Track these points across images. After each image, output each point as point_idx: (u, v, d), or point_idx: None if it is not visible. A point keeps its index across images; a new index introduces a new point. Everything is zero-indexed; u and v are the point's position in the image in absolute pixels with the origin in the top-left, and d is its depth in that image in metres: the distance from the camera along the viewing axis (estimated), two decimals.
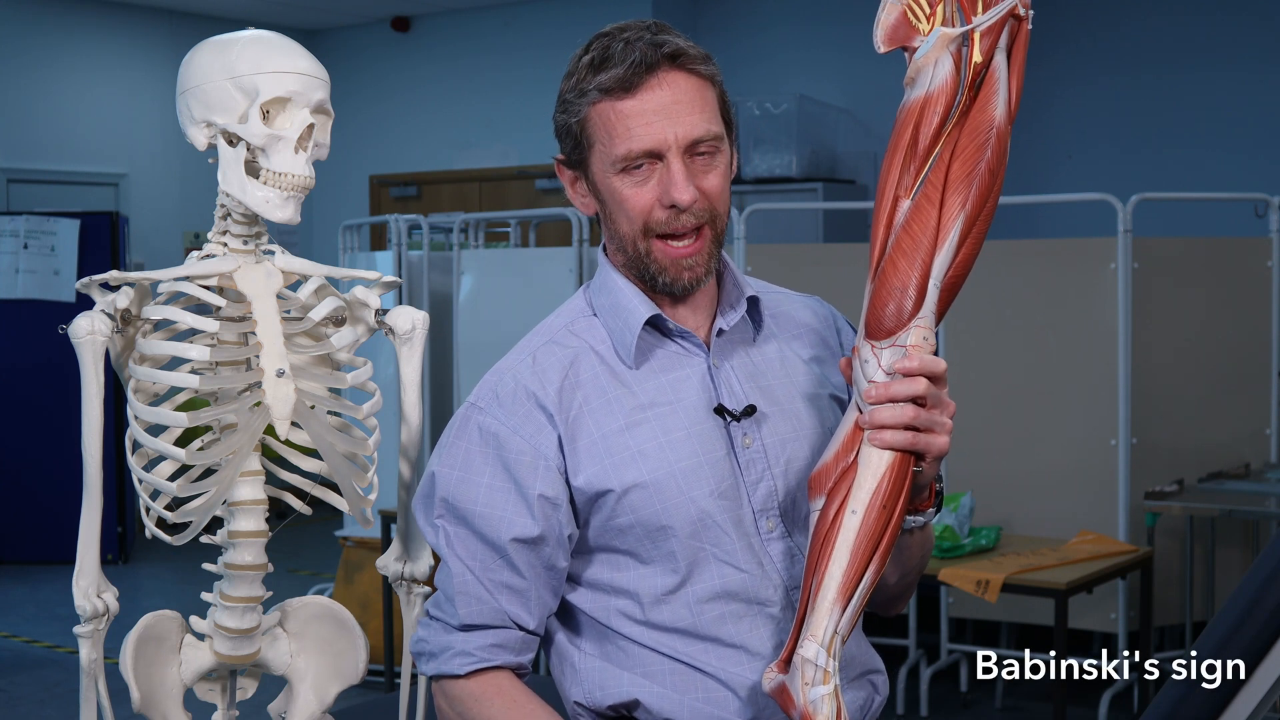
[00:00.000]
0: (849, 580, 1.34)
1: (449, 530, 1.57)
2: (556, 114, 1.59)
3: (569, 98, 1.56)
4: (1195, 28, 7.36)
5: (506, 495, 1.55)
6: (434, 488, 1.58)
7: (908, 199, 1.34)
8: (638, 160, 1.53)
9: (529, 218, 6.16)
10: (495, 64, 8.83)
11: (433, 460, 1.60)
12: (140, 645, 1.71)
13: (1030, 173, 7.78)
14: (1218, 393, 4.83)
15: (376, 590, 5.03)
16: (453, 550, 1.56)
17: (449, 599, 1.57)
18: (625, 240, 1.58)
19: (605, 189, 1.57)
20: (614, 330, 1.61)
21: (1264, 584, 1.18)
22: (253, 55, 1.64)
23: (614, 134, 1.53)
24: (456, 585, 1.56)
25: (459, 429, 1.59)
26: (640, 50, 1.51)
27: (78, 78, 8.67)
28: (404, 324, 1.79)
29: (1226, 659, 1.19)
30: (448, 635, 1.57)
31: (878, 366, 1.38)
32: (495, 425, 1.56)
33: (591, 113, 1.55)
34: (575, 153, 1.59)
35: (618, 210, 1.57)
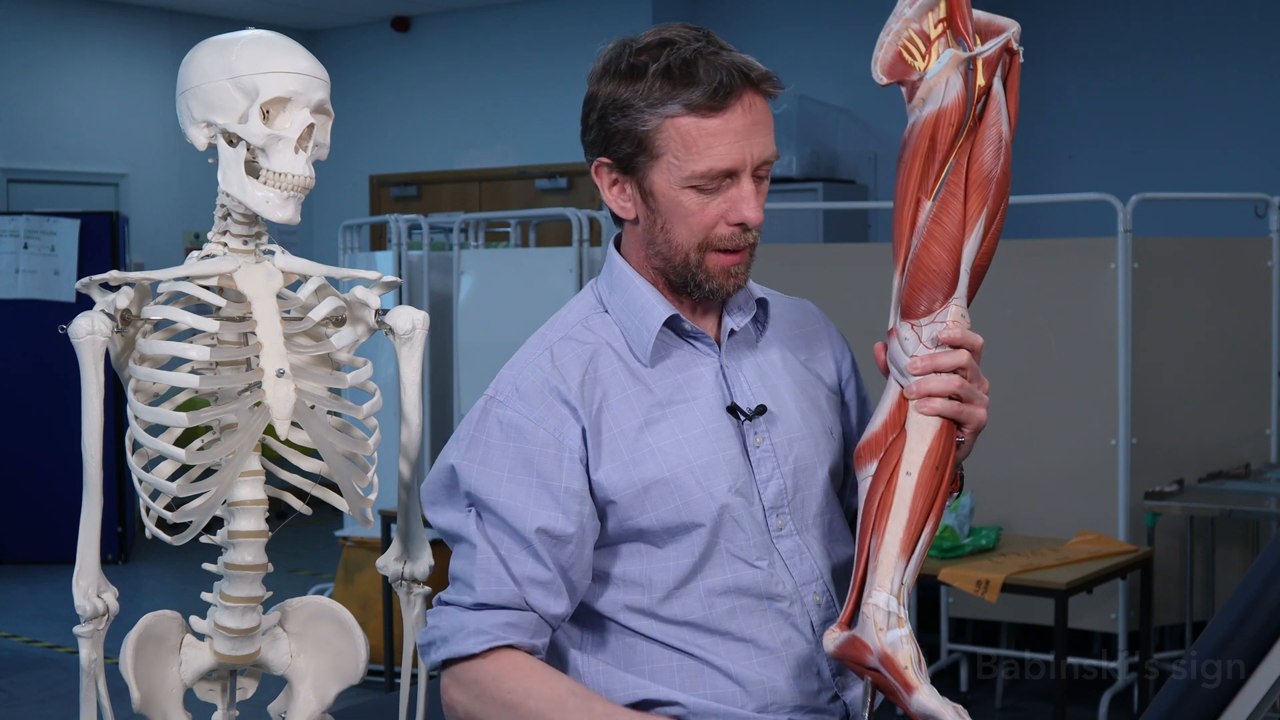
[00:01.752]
0: (910, 535, 1.43)
1: (478, 515, 1.55)
2: (615, 118, 1.59)
3: (639, 104, 1.57)
4: (1195, 28, 7.36)
5: (529, 488, 1.54)
6: (456, 480, 1.56)
7: (929, 199, 1.48)
8: (716, 178, 1.54)
9: (529, 218, 6.16)
10: (495, 64, 8.83)
11: (450, 453, 1.57)
12: (140, 645, 1.71)
13: (1030, 173, 7.77)
14: (1218, 393, 4.83)
15: (376, 590, 5.03)
16: (482, 533, 1.54)
17: (465, 582, 1.54)
18: (676, 249, 1.58)
19: (666, 199, 1.57)
20: (629, 328, 1.61)
21: (1264, 584, 1.18)
22: (253, 55, 1.64)
23: (693, 150, 1.54)
24: (479, 564, 1.53)
25: (478, 422, 1.57)
26: (726, 71, 1.53)
27: (78, 78, 8.67)
28: (404, 324, 1.79)
29: (1226, 659, 1.19)
30: (461, 615, 1.54)
31: (918, 342, 1.54)
32: (517, 418, 1.55)
33: (668, 125, 1.55)
34: (634, 159, 1.58)
35: (678, 222, 1.57)
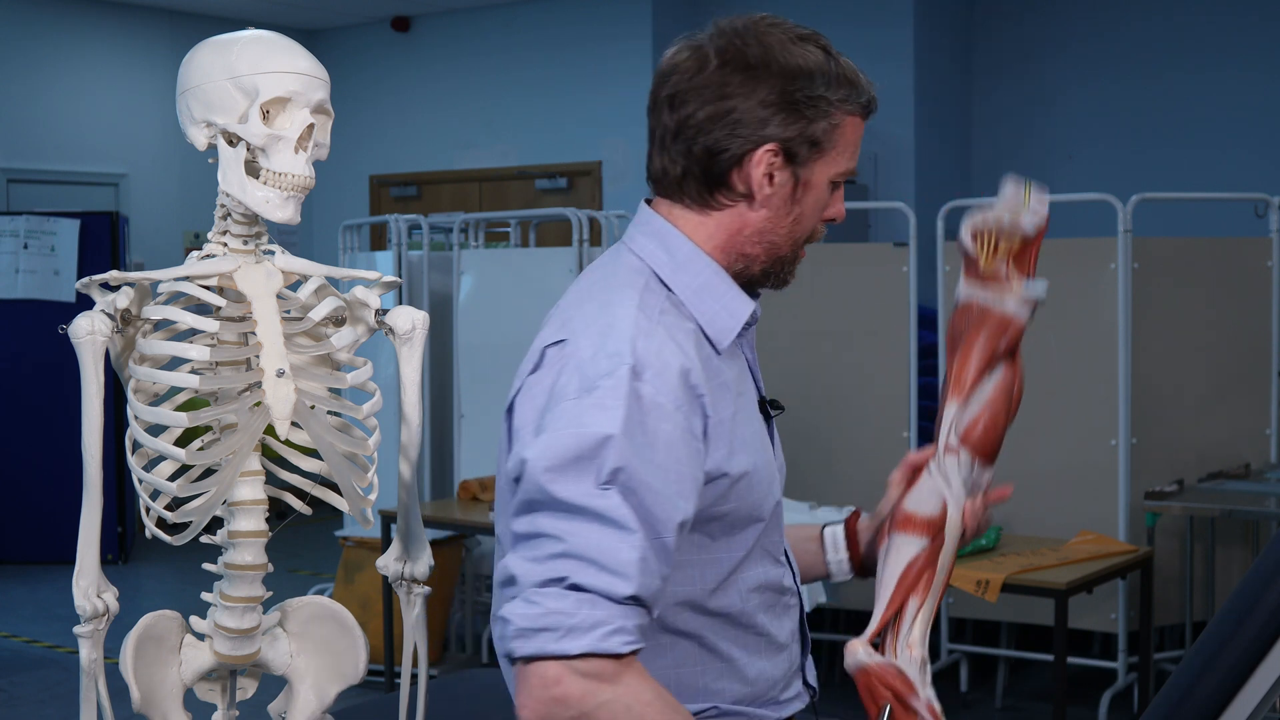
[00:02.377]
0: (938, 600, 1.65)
1: (624, 495, 1.39)
2: (803, 108, 1.53)
3: (830, 96, 1.55)
4: (1195, 28, 7.36)
5: (671, 476, 1.42)
6: (600, 451, 1.39)
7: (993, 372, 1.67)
8: (849, 178, 1.61)
9: (529, 218, 6.16)
10: (495, 64, 8.83)
11: (593, 420, 1.41)
12: (140, 645, 1.71)
13: (1030, 173, 7.74)
14: (1218, 393, 4.83)
15: (376, 590, 5.03)
16: (636, 516, 1.38)
17: (610, 570, 1.36)
18: (794, 240, 1.59)
19: (814, 191, 1.57)
20: (707, 313, 1.56)
21: (1264, 584, 1.18)
22: (253, 55, 1.64)
23: (848, 150, 1.58)
24: (639, 552, 1.37)
25: (614, 391, 1.42)
26: (872, 90, 1.63)
27: (78, 78, 8.67)
28: (404, 324, 1.78)
29: (1226, 659, 1.19)
30: (605, 608, 1.35)
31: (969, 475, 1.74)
32: (659, 397, 1.43)
33: (847, 122, 1.57)
34: (806, 147, 1.55)
35: (811, 214, 1.58)
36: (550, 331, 1.54)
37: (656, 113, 1.61)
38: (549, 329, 1.55)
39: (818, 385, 5.01)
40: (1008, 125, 7.96)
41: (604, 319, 1.49)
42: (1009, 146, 7.95)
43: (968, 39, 8.06)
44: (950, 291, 4.94)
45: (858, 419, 5.08)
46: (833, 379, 5.10)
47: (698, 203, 1.58)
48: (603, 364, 1.44)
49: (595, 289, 1.57)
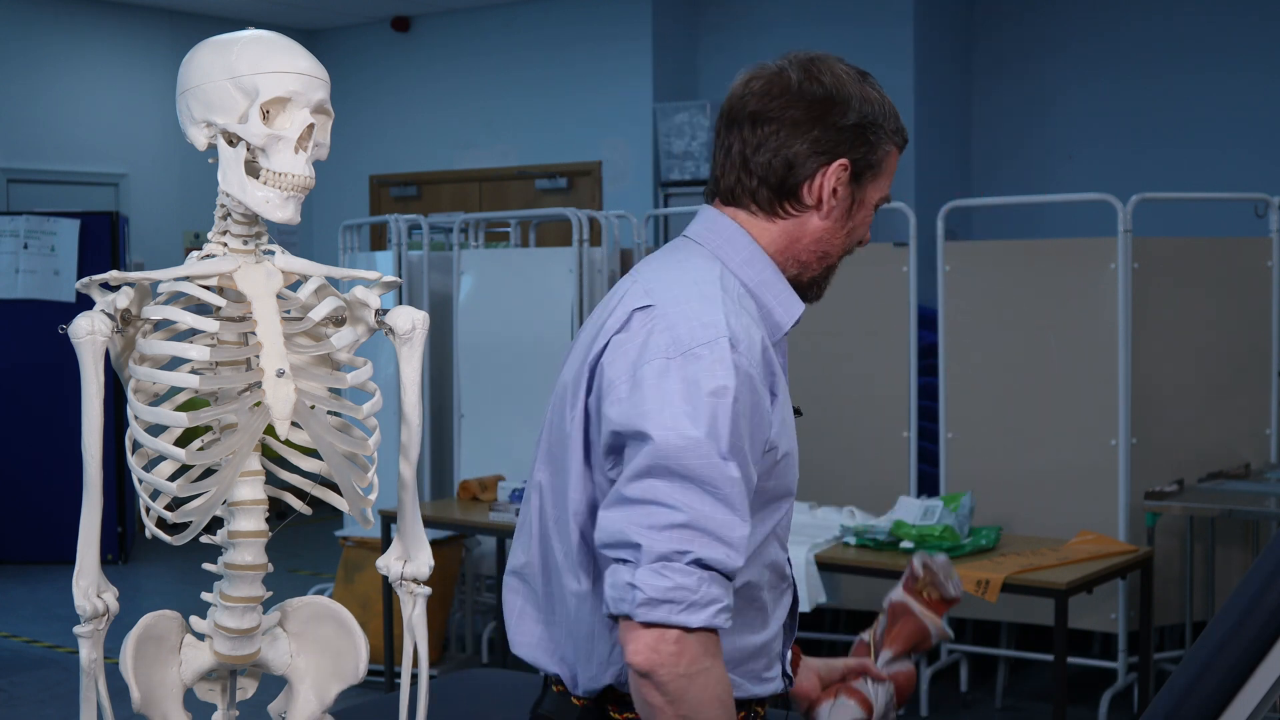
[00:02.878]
0: None
1: (738, 467, 1.54)
2: (872, 133, 1.72)
3: (887, 127, 1.74)
4: (1195, 28, 7.36)
5: (754, 443, 1.59)
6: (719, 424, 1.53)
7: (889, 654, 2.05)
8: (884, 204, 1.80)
9: (529, 218, 6.16)
10: (495, 64, 8.83)
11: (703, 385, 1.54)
12: (140, 645, 1.71)
13: (1030, 173, 7.78)
14: (1218, 393, 4.83)
15: (376, 590, 5.03)
16: (743, 484, 1.55)
17: (727, 543, 1.52)
18: (839, 251, 1.77)
19: (865, 211, 1.76)
20: (768, 306, 1.71)
21: (1264, 584, 1.18)
22: (253, 55, 1.64)
23: (890, 177, 1.78)
24: (747, 526, 1.54)
25: (719, 360, 1.55)
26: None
27: (78, 78, 8.67)
28: (404, 324, 1.78)
29: (1226, 659, 1.19)
30: (720, 585, 1.52)
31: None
32: (751, 369, 1.59)
33: (893, 153, 1.77)
34: (867, 169, 1.74)
35: (860, 228, 1.78)
36: (634, 298, 1.65)
37: (735, 128, 1.74)
38: (631, 297, 1.66)
39: (817, 385, 5.01)
40: (1008, 125, 7.96)
41: (693, 292, 1.63)
42: (1009, 146, 7.95)
43: (968, 39, 8.06)
44: (950, 291, 4.94)
45: (857, 419, 5.08)
46: (832, 379, 5.11)
47: (765, 210, 1.73)
48: (699, 332, 1.58)
49: (673, 267, 1.70)
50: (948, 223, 4.99)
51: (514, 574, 1.79)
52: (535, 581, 1.74)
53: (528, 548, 1.76)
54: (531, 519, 1.75)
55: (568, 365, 1.72)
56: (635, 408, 1.56)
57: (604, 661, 1.64)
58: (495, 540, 5.24)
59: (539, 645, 1.74)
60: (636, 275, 1.72)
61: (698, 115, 7.61)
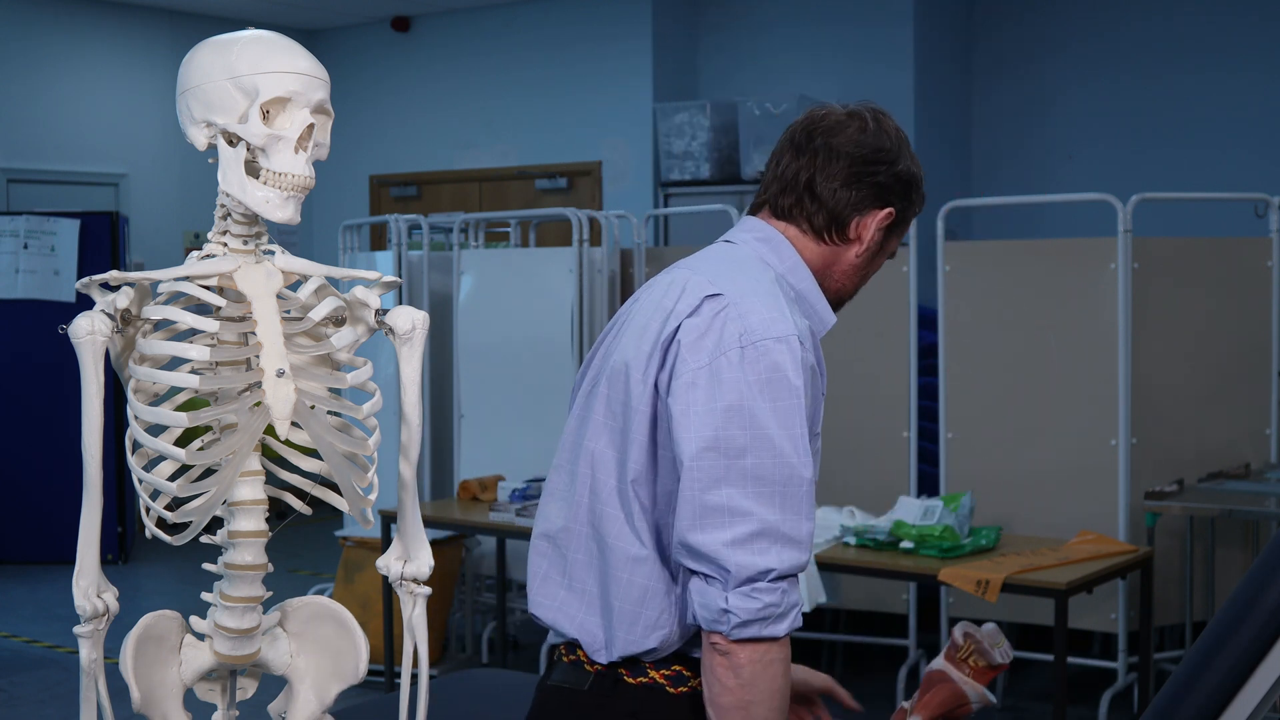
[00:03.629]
0: None
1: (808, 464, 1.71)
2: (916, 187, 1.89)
3: (921, 190, 1.91)
4: (1195, 28, 7.36)
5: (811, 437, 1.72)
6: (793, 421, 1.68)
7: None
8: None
9: (529, 218, 6.16)
10: (495, 64, 8.83)
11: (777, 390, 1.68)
12: (140, 645, 1.71)
13: (1030, 173, 7.78)
14: (1218, 393, 4.83)
15: (376, 590, 5.03)
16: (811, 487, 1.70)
17: (799, 543, 1.67)
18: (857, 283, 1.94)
19: (882, 256, 1.94)
20: (808, 310, 1.84)
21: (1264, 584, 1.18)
22: (253, 55, 1.64)
23: (904, 233, 1.96)
24: (813, 519, 1.70)
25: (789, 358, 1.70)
26: None
27: (78, 78, 8.67)
28: (404, 324, 1.78)
29: (1226, 659, 1.19)
30: (796, 589, 1.68)
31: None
32: (809, 360, 1.72)
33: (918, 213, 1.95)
34: (900, 222, 1.91)
35: (875, 270, 1.97)
36: (701, 286, 1.76)
37: (807, 154, 1.86)
38: (695, 284, 1.76)
39: None
40: (1008, 125, 7.96)
41: (755, 289, 1.75)
42: (1009, 146, 7.95)
43: (968, 39, 8.06)
44: (950, 291, 4.94)
45: (858, 419, 5.08)
46: (833, 379, 5.08)
47: (815, 233, 1.87)
48: (771, 328, 1.70)
49: (730, 265, 1.81)
50: (948, 223, 4.99)
51: (546, 538, 1.86)
52: (572, 546, 1.81)
53: (568, 514, 1.82)
54: (578, 486, 1.82)
55: (620, 348, 1.81)
56: (712, 400, 1.67)
57: (651, 625, 1.73)
58: (495, 540, 5.24)
59: (560, 609, 1.81)
60: (692, 267, 1.82)
61: (698, 115, 7.61)
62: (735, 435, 1.66)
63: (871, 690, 4.96)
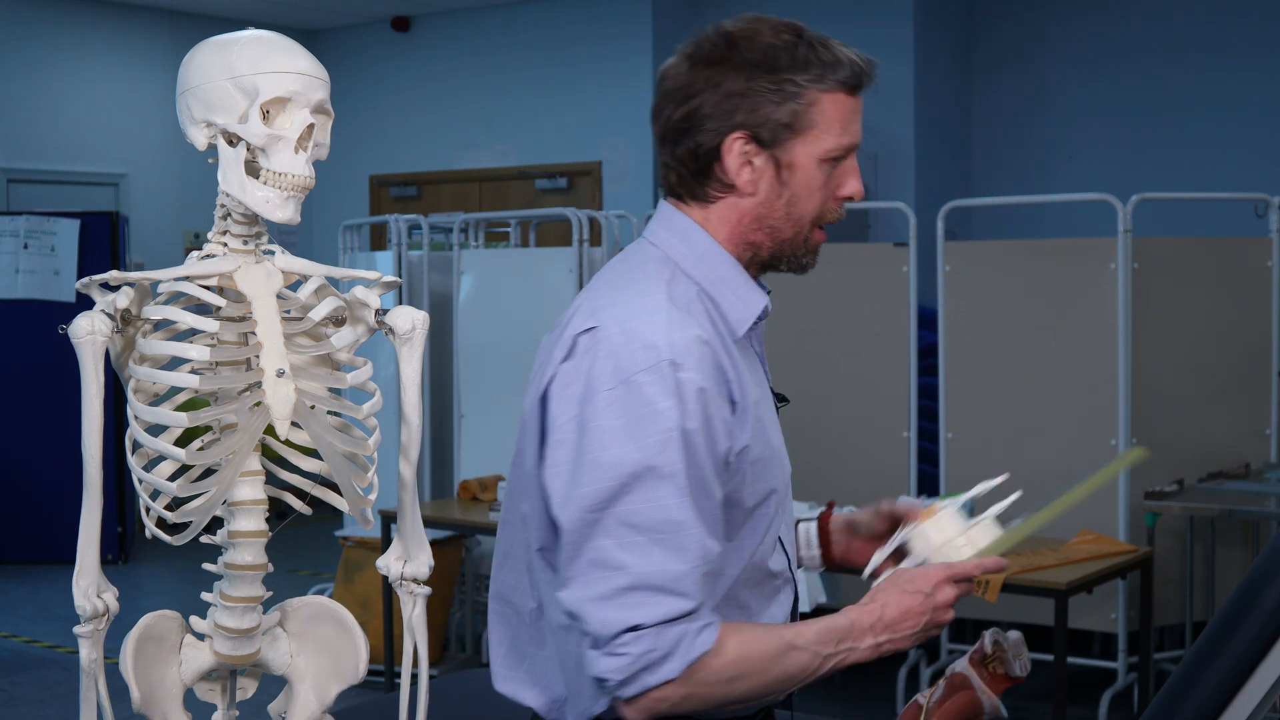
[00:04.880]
0: None
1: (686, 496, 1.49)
2: (769, 94, 1.58)
3: (796, 80, 1.59)
4: (1195, 28, 7.36)
5: (715, 459, 1.52)
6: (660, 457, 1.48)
7: None
8: (845, 154, 1.63)
9: (529, 218, 6.16)
10: (495, 64, 8.83)
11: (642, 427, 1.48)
12: (140, 645, 1.71)
13: (1030, 173, 7.78)
14: (1218, 393, 4.83)
15: (376, 590, 5.03)
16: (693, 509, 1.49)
17: (674, 592, 1.47)
18: (796, 223, 1.63)
19: (805, 173, 1.61)
20: (726, 303, 1.63)
21: (1264, 584, 1.18)
22: (253, 55, 1.64)
23: (836, 126, 1.61)
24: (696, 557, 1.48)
25: (659, 385, 1.49)
26: (859, 59, 1.66)
27: (78, 78, 8.67)
28: (404, 324, 1.78)
29: (1226, 659, 1.19)
30: (680, 624, 1.48)
31: None
32: (703, 382, 1.51)
33: (823, 99, 1.60)
34: (779, 133, 1.59)
35: (807, 195, 1.62)
36: (581, 319, 1.58)
37: (654, 121, 1.67)
38: (579, 317, 1.59)
39: (818, 385, 5.01)
40: (1008, 125, 7.96)
41: (636, 308, 1.55)
42: (1009, 146, 7.95)
43: (968, 39, 8.06)
44: (950, 291, 4.94)
45: (858, 419, 5.08)
46: (833, 379, 5.10)
47: (697, 199, 1.65)
48: (640, 356, 1.50)
49: (623, 280, 1.63)
50: (948, 223, 4.99)
51: (500, 599, 1.73)
52: (521, 610, 1.69)
53: (518, 574, 1.70)
54: (516, 547, 1.71)
55: (527, 392, 1.65)
56: (580, 455, 1.51)
57: (594, 693, 1.56)
58: (495, 540, 5.23)
59: (520, 679, 1.68)
60: (588, 290, 1.65)
61: None
62: (603, 486, 1.48)
63: (871, 690, 4.96)
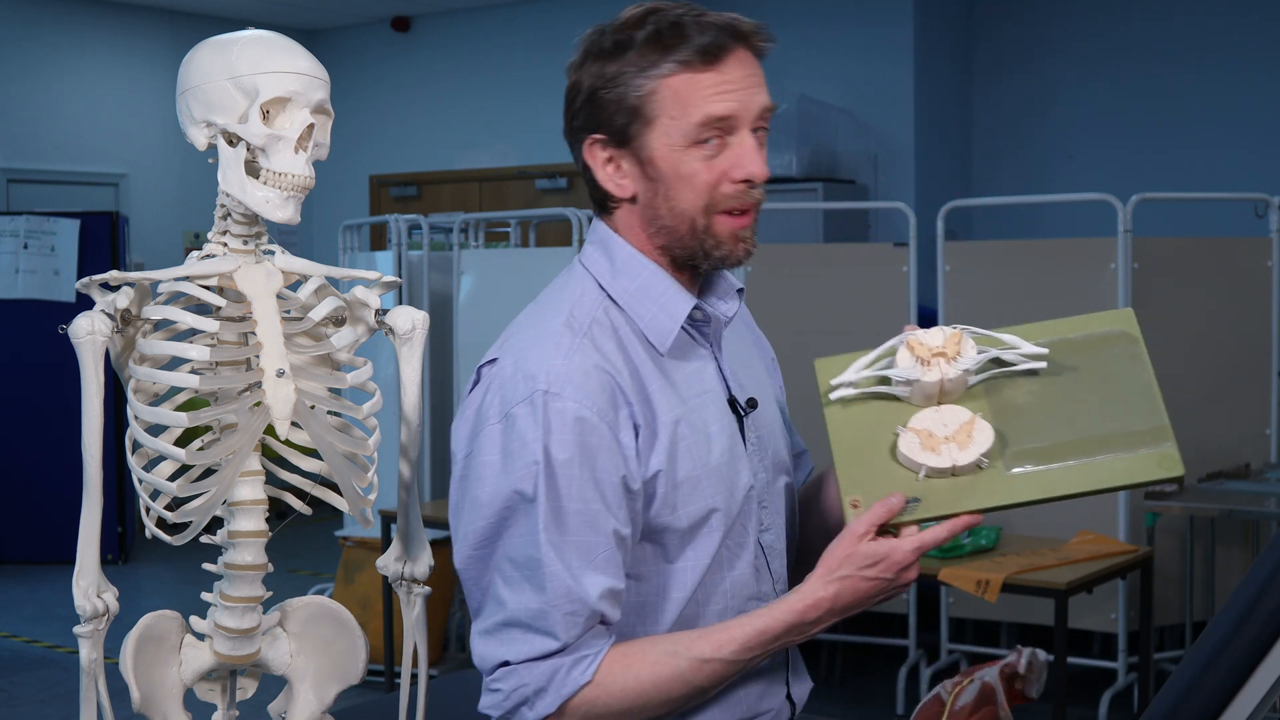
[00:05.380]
0: None
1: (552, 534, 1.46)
2: (604, 91, 1.55)
3: (628, 72, 1.53)
4: (1195, 28, 7.36)
5: (600, 487, 1.48)
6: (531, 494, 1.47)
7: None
8: (714, 128, 1.52)
9: (529, 218, 6.16)
10: (495, 64, 8.83)
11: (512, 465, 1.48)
12: (140, 645, 1.71)
13: (1030, 173, 7.78)
14: (1218, 393, 4.83)
15: (376, 590, 5.03)
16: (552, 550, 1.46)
17: (540, 631, 1.47)
18: (681, 217, 1.54)
19: (668, 164, 1.53)
20: (645, 316, 1.57)
21: (1264, 584, 1.18)
22: (253, 55, 1.64)
23: (689, 103, 1.51)
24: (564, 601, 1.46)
25: (531, 418, 1.47)
26: (715, 28, 1.52)
27: (78, 78, 8.67)
28: (404, 324, 1.78)
29: (1226, 659, 1.19)
30: (553, 659, 1.48)
31: None
32: (579, 410, 1.47)
33: (662, 85, 1.52)
34: (627, 129, 1.54)
35: (681, 186, 1.53)
36: (492, 349, 1.59)
37: None
38: (493, 346, 1.60)
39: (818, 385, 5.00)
40: (1008, 125, 7.96)
41: (531, 337, 1.54)
42: (1009, 146, 7.95)
43: (968, 39, 8.06)
44: (950, 291, 4.93)
45: None
46: None
47: (605, 210, 1.62)
48: (520, 388, 1.49)
49: (537, 307, 1.62)
50: (948, 223, 4.99)
51: None
52: None
53: None
54: None
55: None
56: (464, 493, 1.52)
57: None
58: None
59: None
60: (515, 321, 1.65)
61: None
62: (483, 524, 1.50)
63: (872, 690, 4.96)
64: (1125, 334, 1.59)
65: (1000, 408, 1.57)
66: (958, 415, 1.55)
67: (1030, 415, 1.56)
